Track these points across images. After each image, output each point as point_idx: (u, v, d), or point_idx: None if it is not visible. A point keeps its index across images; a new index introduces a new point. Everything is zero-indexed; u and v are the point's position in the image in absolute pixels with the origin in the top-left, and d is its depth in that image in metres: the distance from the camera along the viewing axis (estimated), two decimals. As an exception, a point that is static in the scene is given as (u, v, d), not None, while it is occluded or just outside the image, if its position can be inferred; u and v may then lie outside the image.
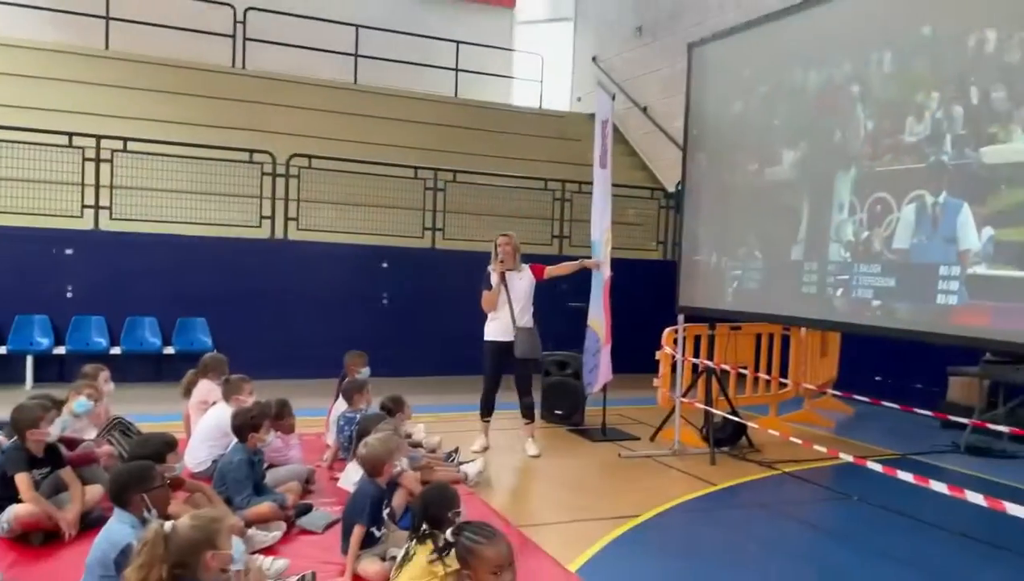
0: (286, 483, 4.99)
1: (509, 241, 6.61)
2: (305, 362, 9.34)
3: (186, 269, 9.47)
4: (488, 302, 6.59)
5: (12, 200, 8.87)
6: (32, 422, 4.40)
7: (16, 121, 9.23)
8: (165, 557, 2.58)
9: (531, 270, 6.68)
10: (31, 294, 8.91)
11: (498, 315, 6.57)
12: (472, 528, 2.82)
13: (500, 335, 6.57)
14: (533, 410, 6.78)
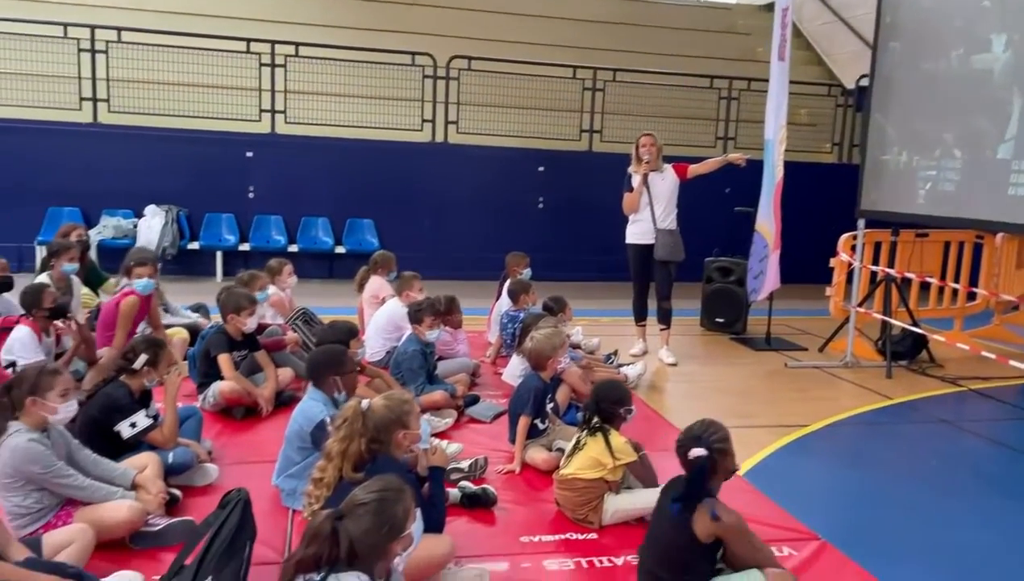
0: (455, 375, 5.20)
1: (652, 140, 6.34)
2: (463, 263, 9.61)
3: (354, 172, 9.86)
4: (630, 204, 6.40)
5: (200, 105, 9.46)
6: (236, 308, 4.80)
7: (198, 29, 9.75)
8: (363, 432, 2.76)
9: (674, 170, 6.40)
10: (219, 194, 9.61)
11: (640, 217, 6.39)
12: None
13: (642, 238, 6.41)
14: (670, 316, 6.59)
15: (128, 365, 3.73)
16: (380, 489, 2.23)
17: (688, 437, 2.72)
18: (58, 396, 3.11)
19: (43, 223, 8.94)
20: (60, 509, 3.15)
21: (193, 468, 3.77)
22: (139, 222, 9.14)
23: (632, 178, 6.43)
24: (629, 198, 6.42)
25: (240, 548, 2.79)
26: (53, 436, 3.19)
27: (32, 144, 8.98)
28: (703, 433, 2.72)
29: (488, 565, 3.08)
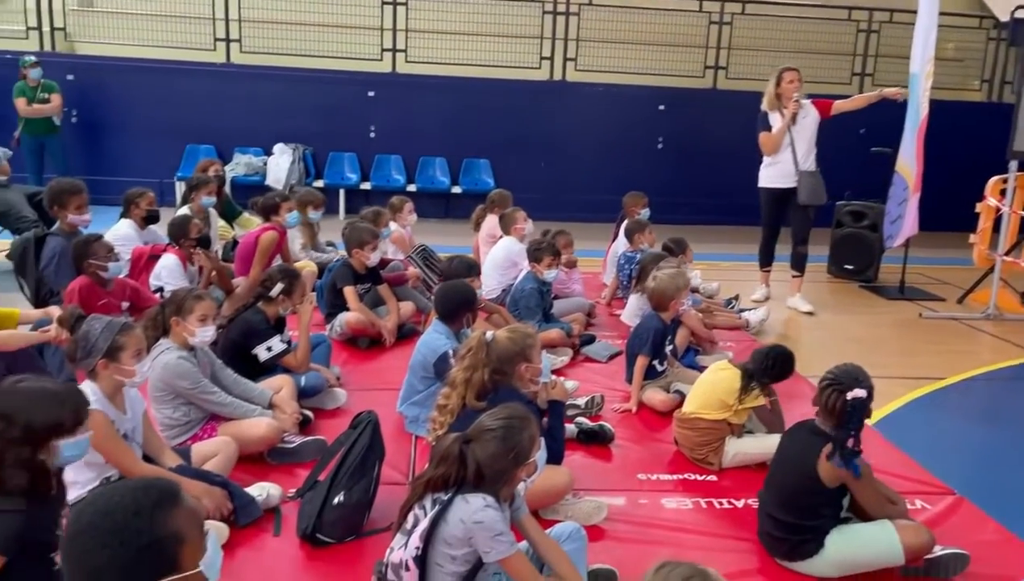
0: (571, 314, 5.21)
1: (798, 76, 5.96)
2: (579, 204, 9.54)
3: (471, 112, 9.87)
4: (771, 144, 6.04)
5: (325, 45, 9.66)
6: (360, 243, 4.96)
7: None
8: (486, 362, 2.81)
9: (815, 106, 6.04)
10: (342, 134, 9.86)
11: (778, 159, 6.04)
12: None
13: (779, 181, 6.08)
14: (805, 262, 6.29)
15: (265, 293, 3.94)
16: (507, 417, 2.27)
17: (849, 378, 2.64)
18: (197, 321, 3.31)
19: (182, 160, 9.45)
20: (206, 423, 3.39)
21: (323, 392, 3.97)
22: (268, 160, 9.52)
23: (768, 117, 6.06)
24: (769, 138, 6.04)
25: (370, 467, 2.93)
26: (199, 355, 3.42)
27: (172, 84, 9.44)
28: (860, 375, 2.64)
29: (605, 499, 3.11)
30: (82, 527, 1.47)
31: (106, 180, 8.56)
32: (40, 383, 2.18)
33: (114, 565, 1.43)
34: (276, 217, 5.68)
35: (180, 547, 1.49)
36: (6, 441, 2.02)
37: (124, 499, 1.50)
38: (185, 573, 1.49)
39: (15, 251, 4.93)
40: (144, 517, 1.47)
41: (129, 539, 1.44)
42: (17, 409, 2.06)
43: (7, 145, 6.97)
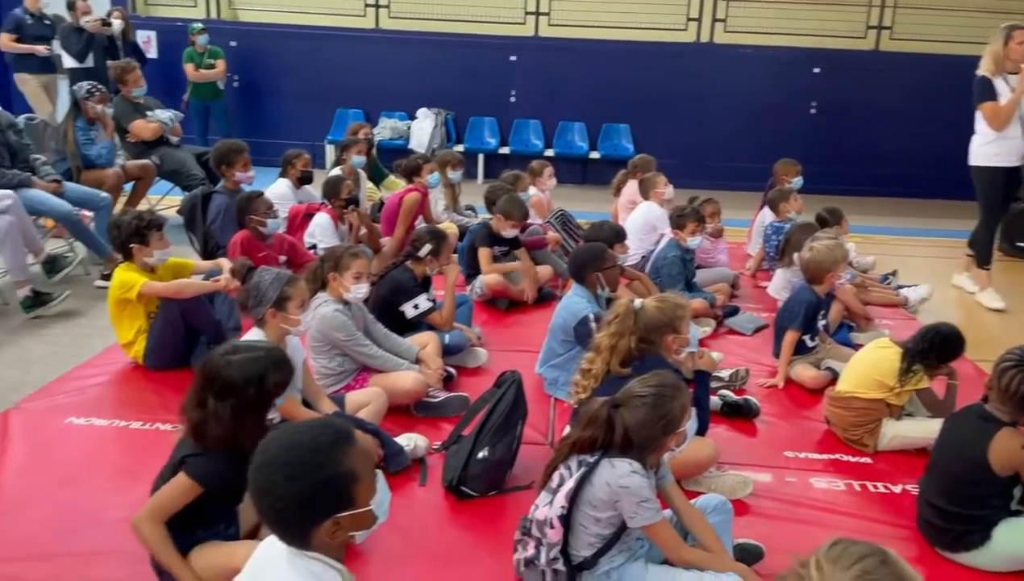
0: (714, 284, 5.06)
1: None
2: (724, 171, 9.21)
3: (613, 75, 9.67)
4: (1002, 117, 5.14)
5: (469, 9, 9.73)
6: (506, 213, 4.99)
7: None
8: (633, 330, 2.78)
9: None
10: (483, 98, 9.93)
11: (1008, 133, 5.22)
12: None
13: (1009, 158, 5.28)
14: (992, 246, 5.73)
15: (414, 252, 4.05)
16: (658, 384, 2.23)
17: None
18: (352, 278, 3.45)
19: (332, 123, 9.83)
20: (357, 374, 3.54)
21: (465, 350, 4.06)
22: (412, 124, 9.75)
23: (993, 84, 5.19)
24: (999, 110, 5.15)
25: (513, 425, 2.98)
26: (353, 309, 3.57)
27: (324, 49, 9.81)
28: None
29: (751, 474, 3.02)
30: (267, 459, 1.58)
31: (264, 142, 9.03)
32: (246, 352, 2.33)
33: (294, 496, 1.53)
34: (418, 178, 5.83)
35: (355, 485, 1.58)
36: (237, 415, 2.20)
37: (304, 436, 1.60)
38: (358, 510, 1.57)
39: (184, 207, 5.31)
40: (323, 453, 1.56)
41: (309, 473, 1.54)
42: (241, 384, 2.23)
43: (178, 108, 7.47)
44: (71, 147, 5.61)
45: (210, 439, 2.23)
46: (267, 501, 1.56)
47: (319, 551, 1.59)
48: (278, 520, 1.58)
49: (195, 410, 2.26)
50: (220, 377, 2.24)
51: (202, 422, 2.24)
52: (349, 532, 1.60)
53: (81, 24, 7.68)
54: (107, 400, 3.57)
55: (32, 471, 2.96)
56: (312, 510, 1.55)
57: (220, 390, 2.23)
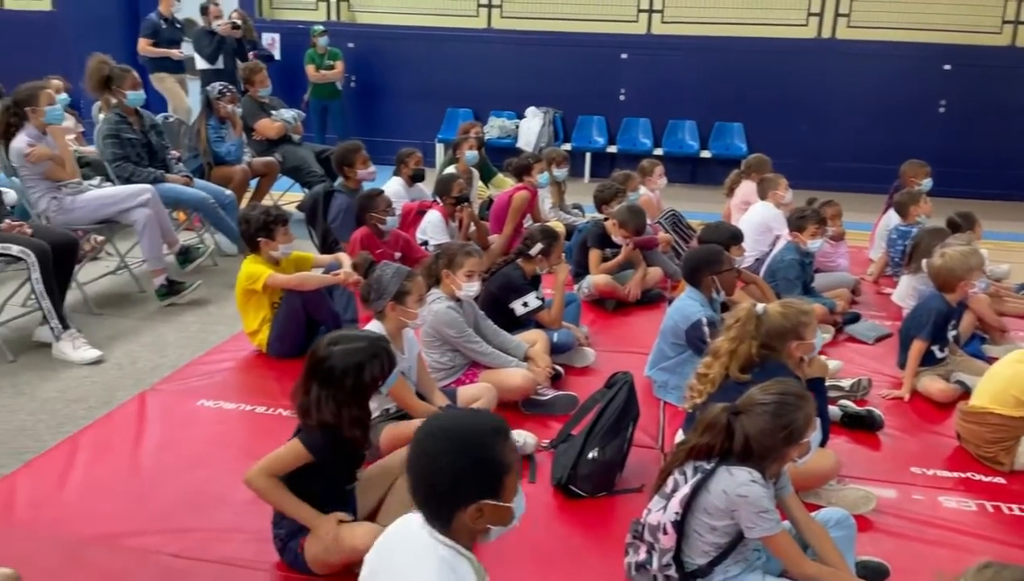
0: (834, 289, 4.86)
1: None
2: (844, 172, 8.84)
3: (726, 73, 9.43)
4: None
5: (581, 8, 9.70)
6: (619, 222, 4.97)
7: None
8: (755, 335, 2.70)
9: None
10: (591, 97, 9.89)
11: None
12: None
13: None
14: None
15: (525, 251, 4.07)
16: (781, 392, 2.16)
17: None
18: (464, 276, 3.51)
19: (442, 122, 10.02)
20: (468, 369, 3.60)
21: (573, 350, 4.06)
22: (520, 123, 9.81)
23: None
24: None
25: (624, 427, 2.95)
26: (465, 306, 3.63)
27: (436, 50, 10.00)
28: None
29: (874, 489, 2.89)
30: (431, 430, 1.67)
31: (377, 140, 9.29)
32: (350, 342, 2.41)
33: (451, 469, 1.61)
34: (528, 177, 5.87)
35: (505, 476, 1.64)
36: (339, 404, 2.30)
37: (468, 420, 1.73)
38: (502, 503, 1.64)
39: (306, 204, 5.53)
40: (484, 437, 1.64)
41: (469, 452, 1.62)
42: (342, 374, 2.31)
43: (299, 107, 7.79)
44: (203, 144, 5.94)
45: (314, 423, 2.33)
46: (423, 474, 1.64)
47: (457, 535, 1.63)
48: (429, 495, 1.65)
49: (302, 395, 2.36)
50: (323, 365, 2.34)
51: (307, 407, 2.34)
52: (488, 523, 1.64)
53: (213, 27, 8.12)
54: (234, 385, 3.77)
55: (166, 450, 3.15)
56: (463, 490, 1.61)
57: (322, 378, 2.33)
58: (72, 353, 3.97)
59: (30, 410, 3.48)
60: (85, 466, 2.98)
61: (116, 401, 3.57)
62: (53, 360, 3.97)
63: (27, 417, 3.41)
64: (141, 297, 5.00)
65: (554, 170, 6.19)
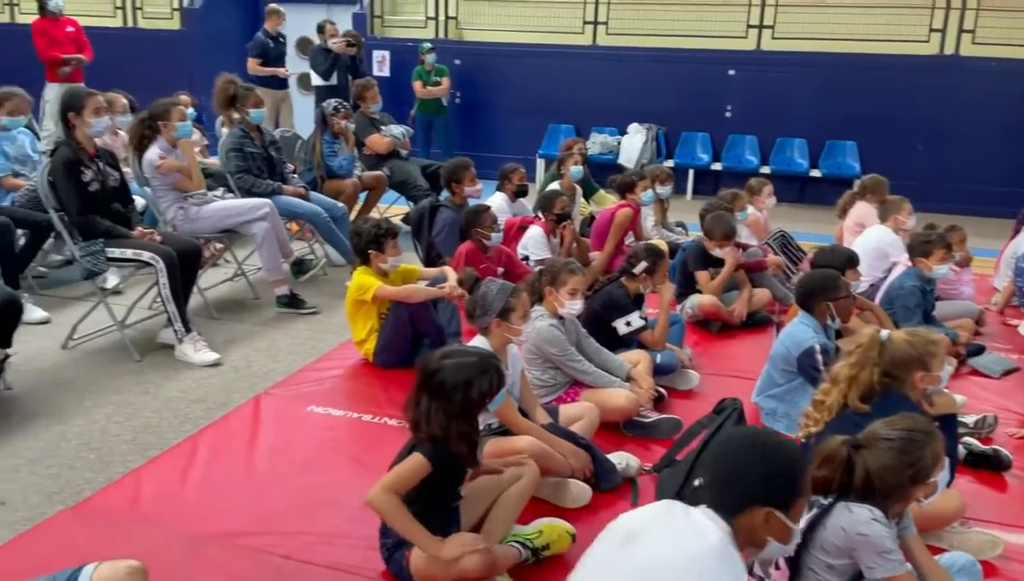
0: (957, 319, 4.61)
1: None
2: (965, 195, 8.42)
3: (839, 89, 9.13)
4: None
5: (687, 24, 9.58)
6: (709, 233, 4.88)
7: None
8: (877, 362, 2.58)
9: None
10: (696, 113, 9.75)
11: None
12: None
13: None
14: None
15: (629, 269, 4.04)
16: (908, 428, 2.06)
17: None
18: (568, 293, 3.50)
19: (543, 138, 10.08)
20: (569, 388, 3.59)
21: (676, 372, 3.99)
22: (622, 139, 9.76)
23: None
24: None
25: (732, 455, 2.87)
26: (567, 323, 3.62)
27: (540, 66, 10.08)
28: None
29: (1001, 534, 2.71)
30: (748, 434, 1.92)
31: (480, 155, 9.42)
32: (461, 356, 2.46)
33: (757, 471, 1.74)
34: (631, 195, 5.83)
35: (799, 498, 1.76)
36: (448, 416, 2.33)
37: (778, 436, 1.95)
38: (787, 523, 1.74)
39: (413, 218, 5.66)
40: (797, 457, 1.81)
41: (782, 459, 1.77)
42: (452, 387, 2.34)
43: (404, 122, 8.00)
44: (317, 158, 6.18)
45: (424, 435, 2.36)
46: (727, 467, 1.76)
47: (737, 532, 1.71)
48: (728, 486, 1.75)
49: (413, 408, 2.40)
50: (433, 378, 2.37)
51: (417, 419, 2.38)
52: (769, 534, 1.73)
53: (329, 45, 8.45)
54: (342, 392, 3.88)
55: (279, 453, 3.27)
56: (762, 492, 1.72)
57: (433, 390, 2.36)
58: (193, 355, 4.18)
59: (154, 408, 3.68)
60: (204, 465, 3.13)
61: (232, 403, 3.74)
62: (175, 361, 4.19)
63: (151, 415, 3.61)
64: (256, 303, 5.23)
65: (658, 187, 6.12)
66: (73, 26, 8.19)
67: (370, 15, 10.67)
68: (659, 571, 1.63)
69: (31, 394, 3.74)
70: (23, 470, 3.09)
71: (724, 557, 1.64)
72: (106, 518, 2.76)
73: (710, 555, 1.63)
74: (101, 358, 4.21)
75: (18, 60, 8.98)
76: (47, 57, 7.96)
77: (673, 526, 1.69)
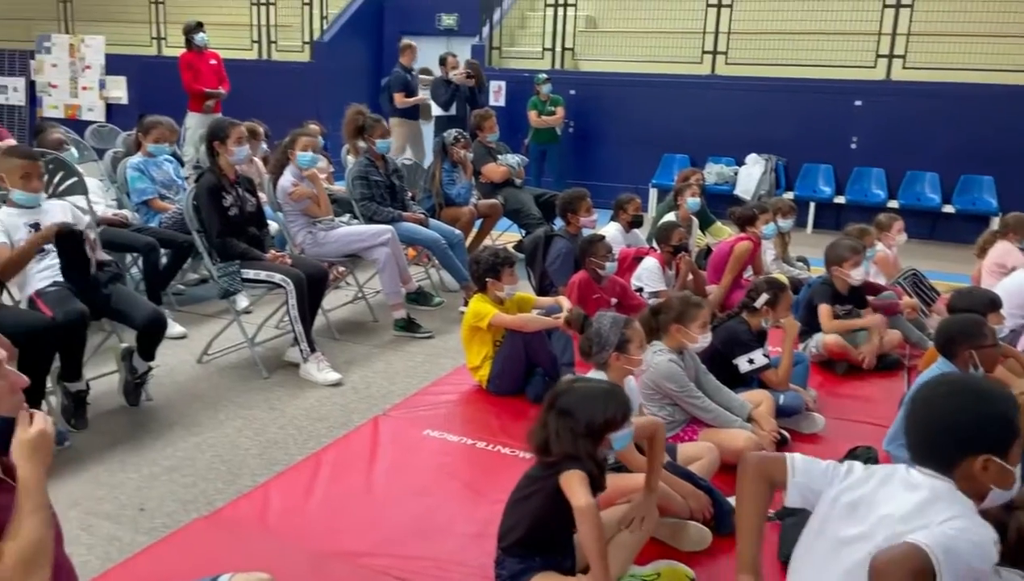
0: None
1: None
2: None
3: (976, 122, 8.65)
4: None
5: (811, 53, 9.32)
6: (838, 259, 4.68)
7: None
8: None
9: None
10: (818, 144, 9.44)
11: None
12: None
13: None
14: None
15: (750, 303, 3.92)
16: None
17: None
18: (698, 327, 3.43)
19: (657, 168, 10.00)
20: (687, 425, 3.50)
21: (800, 414, 3.83)
22: (739, 170, 9.55)
23: None
24: None
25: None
26: (686, 359, 3.54)
27: (656, 96, 10.04)
28: None
29: None
30: (950, 381, 1.88)
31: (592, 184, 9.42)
32: (590, 383, 2.49)
33: (969, 417, 1.74)
34: (752, 228, 5.67)
35: (1015, 439, 1.73)
36: (575, 435, 2.32)
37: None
38: (1007, 467, 1.71)
39: (527, 246, 5.71)
40: (1005, 397, 1.79)
41: (990, 403, 1.75)
42: (579, 407, 2.34)
43: (518, 151, 8.11)
44: (436, 186, 6.35)
45: (556, 456, 2.34)
46: (934, 419, 1.78)
47: (960, 484, 1.72)
48: (937, 442, 1.76)
49: (540, 429, 2.40)
50: (561, 398, 2.38)
51: (545, 440, 2.37)
52: (991, 482, 1.72)
53: (450, 77, 8.70)
54: (457, 418, 3.93)
55: (396, 475, 3.34)
56: (977, 439, 1.71)
57: (560, 410, 2.36)
58: (317, 375, 4.34)
59: (280, 424, 3.83)
60: (326, 482, 3.23)
61: (352, 423, 3.84)
62: (300, 379, 4.36)
63: (278, 431, 3.76)
64: (374, 326, 5.39)
65: (780, 220, 5.94)
66: (215, 59, 8.77)
67: (488, 47, 10.93)
68: (900, 523, 1.69)
69: (169, 405, 3.98)
70: (161, 478, 3.27)
71: (956, 499, 1.70)
72: (236, 529, 2.88)
73: (945, 495, 1.70)
74: (232, 373, 4.43)
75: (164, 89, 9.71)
76: (191, 89, 8.54)
77: (899, 486, 1.76)
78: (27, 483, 1.59)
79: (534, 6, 11.55)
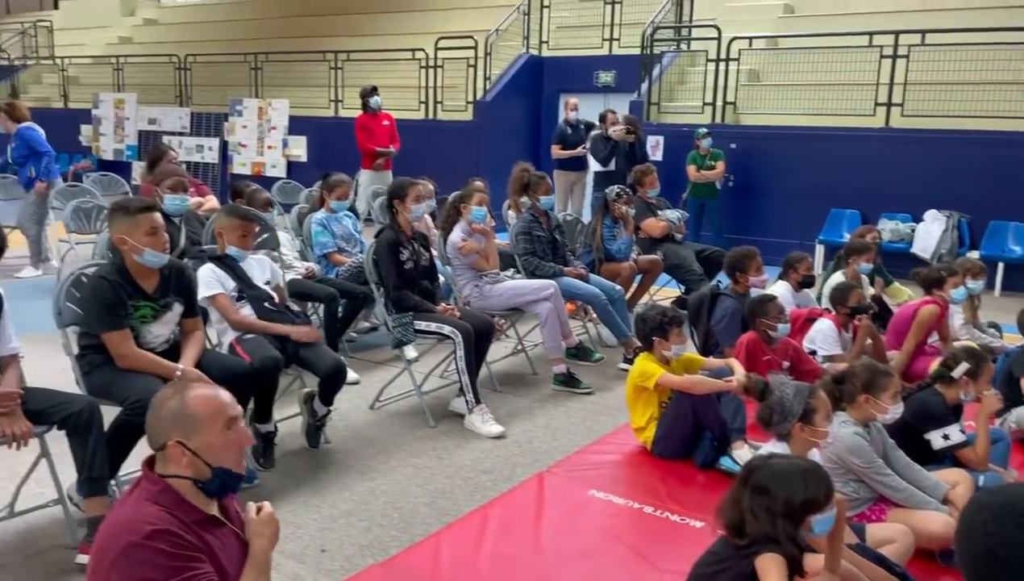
0: None
1: None
2: None
3: None
4: None
5: (995, 104, 8.68)
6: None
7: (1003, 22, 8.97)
8: None
9: None
10: (1006, 200, 8.70)
11: None
12: None
13: None
14: None
15: (946, 373, 3.63)
16: None
17: None
18: (890, 397, 3.21)
19: (824, 223, 9.56)
20: (874, 504, 3.25)
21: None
22: (917, 227, 8.97)
23: None
24: None
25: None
26: (872, 432, 3.31)
27: (823, 149, 9.65)
28: None
29: None
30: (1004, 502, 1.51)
31: (753, 240, 9.14)
32: (788, 459, 2.38)
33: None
34: (938, 291, 5.28)
35: None
36: (773, 515, 2.20)
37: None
38: None
39: (692, 305, 5.59)
40: None
41: None
42: (777, 484, 2.23)
43: (676, 205, 8.01)
44: (597, 241, 6.38)
45: (753, 535, 2.22)
46: (988, 544, 1.49)
47: None
48: (990, 567, 1.49)
49: (732, 507, 2.29)
50: (756, 474, 2.26)
51: (740, 519, 2.26)
52: None
53: (609, 133, 8.79)
54: (622, 479, 3.86)
55: (563, 534, 3.31)
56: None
57: (755, 488, 2.24)
58: (481, 426, 4.41)
59: (448, 474, 3.91)
60: (495, 537, 3.24)
61: (516, 477, 3.86)
62: (464, 430, 4.44)
63: (445, 481, 3.84)
64: (533, 379, 5.42)
65: (969, 282, 5.50)
66: (388, 120, 9.32)
67: (647, 102, 10.97)
68: None
69: (345, 449, 4.16)
70: (339, 520, 3.41)
71: None
72: (409, 577, 2.95)
73: None
74: (401, 420, 4.59)
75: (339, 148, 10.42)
76: (365, 148, 9.11)
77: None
78: (256, 556, 1.93)
79: (694, 61, 11.51)
